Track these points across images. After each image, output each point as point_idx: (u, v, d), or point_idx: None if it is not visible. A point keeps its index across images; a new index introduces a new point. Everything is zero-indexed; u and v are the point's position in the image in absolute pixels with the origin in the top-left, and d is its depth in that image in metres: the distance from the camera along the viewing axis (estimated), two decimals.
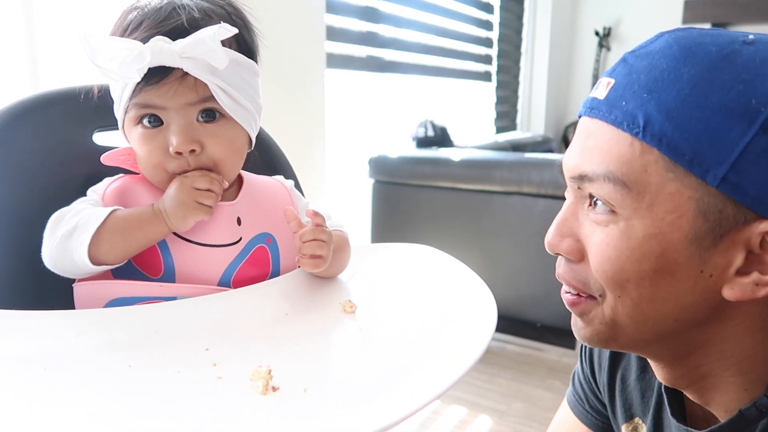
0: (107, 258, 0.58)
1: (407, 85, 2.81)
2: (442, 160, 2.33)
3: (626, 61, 0.48)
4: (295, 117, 1.83)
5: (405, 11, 2.61)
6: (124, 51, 0.55)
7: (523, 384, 2.00)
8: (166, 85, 0.58)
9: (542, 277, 2.14)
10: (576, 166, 0.49)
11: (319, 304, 0.63)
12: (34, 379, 0.46)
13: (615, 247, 0.46)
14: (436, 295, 0.67)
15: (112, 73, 0.56)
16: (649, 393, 0.61)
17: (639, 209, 0.45)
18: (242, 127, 0.64)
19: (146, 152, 0.61)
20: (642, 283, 0.46)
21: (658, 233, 0.45)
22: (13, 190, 0.67)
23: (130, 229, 0.58)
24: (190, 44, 0.56)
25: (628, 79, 0.47)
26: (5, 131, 0.67)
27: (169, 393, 0.45)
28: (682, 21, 3.92)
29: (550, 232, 0.52)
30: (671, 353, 0.51)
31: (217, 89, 0.59)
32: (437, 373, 0.49)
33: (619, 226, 0.46)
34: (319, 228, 0.63)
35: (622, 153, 0.45)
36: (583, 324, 0.52)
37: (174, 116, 0.59)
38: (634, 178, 0.45)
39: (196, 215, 0.59)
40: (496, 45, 3.55)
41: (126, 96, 0.59)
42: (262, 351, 0.53)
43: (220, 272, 0.63)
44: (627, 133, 0.45)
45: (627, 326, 0.48)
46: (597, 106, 0.48)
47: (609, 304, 0.48)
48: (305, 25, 1.84)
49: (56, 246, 0.58)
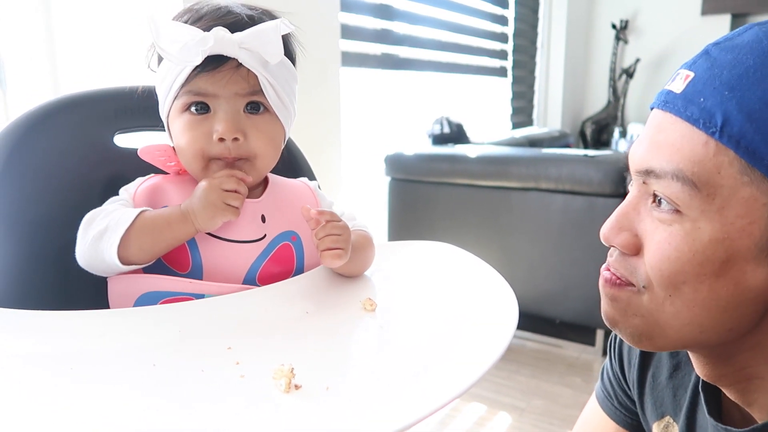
0: (136, 258, 0.60)
1: (422, 83, 2.80)
2: (458, 157, 2.32)
3: (709, 53, 0.46)
4: (311, 116, 1.84)
5: (419, 8, 2.61)
6: (187, 35, 0.58)
7: (542, 381, 1.99)
8: (220, 72, 0.60)
9: (560, 273, 2.12)
10: (643, 159, 0.47)
11: (340, 302, 0.63)
12: (61, 378, 0.47)
13: (677, 247, 0.44)
14: (456, 293, 0.67)
15: (173, 56, 0.58)
16: (681, 392, 0.59)
17: (707, 211, 0.43)
18: (282, 125, 0.66)
19: (189, 138, 0.62)
20: (700, 287, 0.44)
21: (726, 238, 0.43)
22: (36, 192, 0.68)
23: (158, 230, 0.60)
24: (250, 34, 0.59)
25: (709, 73, 0.44)
26: (29, 134, 0.68)
27: (193, 391, 0.46)
28: (701, 12, 3.86)
29: (607, 224, 0.50)
30: (716, 353, 0.50)
31: (266, 83, 0.62)
32: (458, 372, 0.49)
33: (684, 226, 0.44)
34: (331, 223, 0.64)
35: (694, 152, 0.43)
36: (617, 313, 0.50)
37: (223, 104, 0.62)
38: (705, 179, 0.43)
39: (224, 216, 0.60)
40: (511, 40, 3.53)
41: (179, 82, 0.61)
42: (284, 349, 0.53)
43: (246, 268, 0.64)
44: (702, 132, 0.43)
45: (669, 327, 0.47)
46: (672, 99, 0.46)
47: (654, 299, 0.47)
48: (320, 23, 1.85)
49: (88, 247, 0.60)
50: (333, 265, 0.64)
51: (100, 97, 0.74)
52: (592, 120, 4.17)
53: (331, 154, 1.95)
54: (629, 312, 0.49)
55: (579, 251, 2.07)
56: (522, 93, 3.82)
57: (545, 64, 4.00)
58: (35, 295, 0.67)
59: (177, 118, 0.63)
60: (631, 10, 4.13)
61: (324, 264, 0.65)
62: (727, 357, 0.49)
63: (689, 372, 0.59)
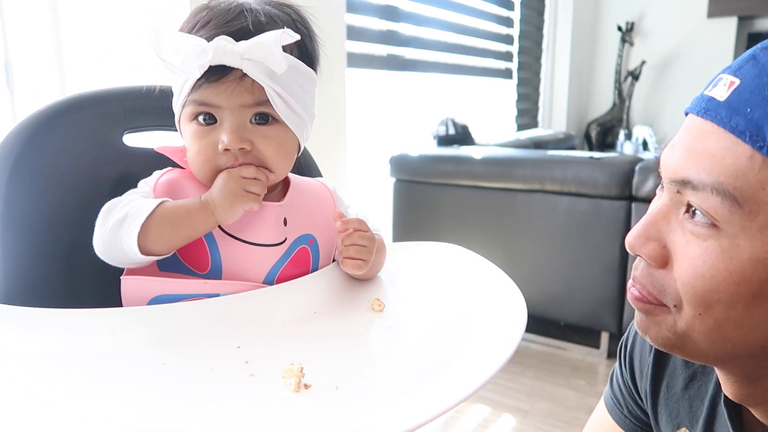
0: (155, 248, 0.59)
1: (428, 84, 2.80)
2: (463, 159, 2.32)
3: (757, 59, 0.42)
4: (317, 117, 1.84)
5: (425, 9, 2.61)
6: (189, 46, 0.57)
7: (546, 383, 1.99)
8: (224, 84, 0.59)
9: (565, 275, 2.12)
10: (679, 168, 0.44)
11: (348, 303, 0.63)
12: (71, 376, 0.47)
13: (712, 265, 0.42)
14: (464, 294, 0.66)
15: (175, 67, 0.57)
16: (698, 403, 0.58)
17: (748, 229, 0.41)
18: (293, 133, 0.64)
19: (197, 148, 0.62)
20: (734, 306, 0.42)
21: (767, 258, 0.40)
22: (45, 191, 0.68)
23: (177, 219, 0.59)
24: (252, 46, 0.57)
25: (757, 81, 0.41)
26: (38, 134, 0.69)
27: (203, 390, 0.46)
28: (707, 14, 3.85)
29: (634, 231, 0.48)
30: (746, 372, 0.48)
31: (273, 94, 0.60)
32: (466, 374, 0.49)
33: (720, 243, 0.42)
34: (359, 233, 0.64)
35: (738, 165, 0.41)
36: (647, 322, 0.48)
37: (228, 115, 0.61)
38: (748, 195, 0.40)
39: (245, 203, 0.59)
40: (516, 42, 3.53)
41: (185, 91, 0.61)
42: (293, 349, 0.53)
43: (265, 271, 0.63)
44: (748, 145, 0.40)
45: (700, 343, 0.45)
46: (714, 107, 0.43)
47: (685, 318, 0.45)
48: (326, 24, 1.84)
49: (107, 235, 0.59)
50: (352, 273, 0.65)
51: (109, 97, 0.75)
52: (598, 122, 4.16)
53: (336, 155, 1.95)
54: (662, 326, 0.47)
55: (584, 253, 2.07)
56: (527, 95, 3.82)
57: (550, 66, 4.00)
58: (44, 293, 0.67)
59: (186, 125, 0.63)
60: (637, 12, 4.12)
61: (344, 269, 0.65)
62: (757, 377, 0.47)
63: (706, 383, 0.57)
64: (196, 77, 0.58)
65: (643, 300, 0.48)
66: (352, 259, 0.64)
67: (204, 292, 0.60)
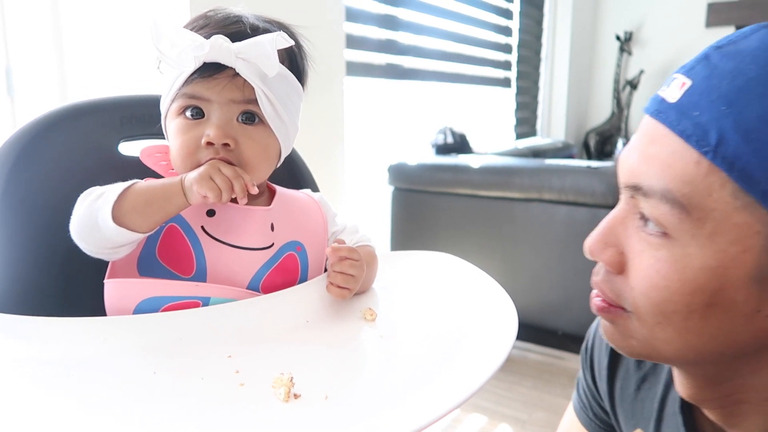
0: (129, 219, 0.57)
1: (426, 92, 2.81)
2: (461, 167, 2.32)
3: (709, 59, 0.41)
4: (315, 125, 1.85)
5: (424, 18, 2.62)
6: (186, 41, 0.58)
7: (544, 393, 1.98)
8: (216, 79, 0.61)
9: (563, 284, 2.12)
10: (632, 173, 0.43)
11: (340, 312, 0.63)
12: (61, 385, 0.47)
13: (665, 276, 0.41)
14: (456, 304, 0.67)
15: (170, 59, 0.59)
16: (648, 404, 0.58)
17: (698, 236, 0.39)
18: (277, 138, 0.65)
19: (181, 141, 0.62)
20: (691, 316, 0.41)
21: (718, 267, 0.39)
22: (41, 199, 0.68)
23: (152, 191, 0.59)
24: (247, 45, 0.59)
25: (707, 83, 0.40)
26: (35, 142, 0.69)
27: (193, 400, 0.46)
28: (705, 24, 3.86)
29: (592, 237, 0.47)
30: (707, 376, 0.47)
31: (262, 95, 0.61)
32: (458, 382, 0.49)
33: (672, 252, 0.41)
34: (348, 261, 0.64)
35: (686, 171, 0.39)
36: (613, 331, 0.48)
37: (216, 110, 0.62)
38: (696, 202, 0.39)
39: (204, 189, 0.58)
40: (515, 51, 3.54)
41: (177, 85, 0.62)
42: (284, 358, 0.54)
43: (250, 276, 0.64)
44: (695, 149, 0.39)
45: (664, 351, 0.45)
46: (665, 109, 0.42)
47: (644, 324, 0.44)
48: (325, 33, 1.86)
49: (83, 210, 0.59)
50: (338, 298, 0.64)
51: (106, 106, 0.75)
52: (596, 131, 4.17)
53: (334, 163, 1.95)
54: (627, 334, 0.46)
55: (582, 262, 2.05)
56: (526, 104, 3.83)
57: (549, 75, 4.01)
58: (38, 301, 0.67)
59: (172, 120, 0.64)
60: (636, 21, 4.14)
61: (329, 293, 0.65)
62: (717, 383, 0.47)
63: (655, 384, 0.58)
64: (190, 71, 0.60)
65: (606, 309, 0.47)
66: (338, 287, 0.64)
67: (191, 294, 0.60)
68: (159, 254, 0.63)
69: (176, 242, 0.63)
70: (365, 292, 0.70)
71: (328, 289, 0.64)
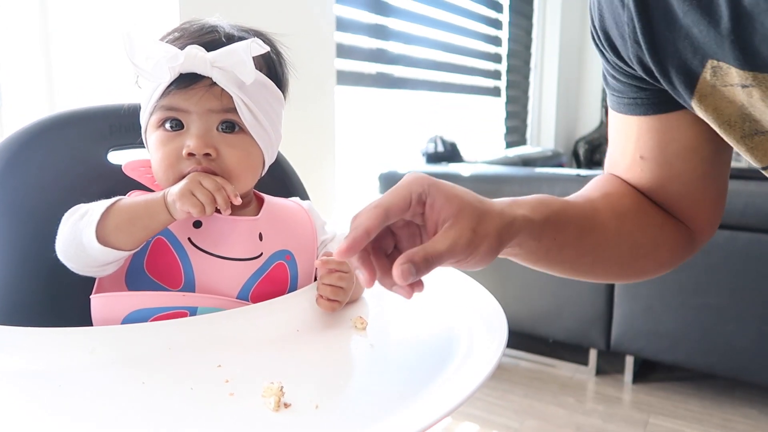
0: (113, 237, 0.57)
1: (417, 102, 2.82)
2: (452, 176, 2.33)
3: None
4: (306, 134, 1.85)
5: (414, 28, 2.64)
6: (161, 52, 0.58)
7: (535, 401, 1.98)
8: (193, 89, 0.60)
9: (554, 292, 2.13)
10: None
11: (330, 321, 0.63)
12: (49, 396, 0.47)
13: None
14: (446, 312, 0.67)
15: (146, 72, 0.59)
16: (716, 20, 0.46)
17: None
18: (259, 146, 0.65)
19: (162, 153, 0.62)
20: None
21: None
22: (29, 208, 0.68)
23: (134, 209, 0.59)
24: (222, 54, 0.59)
25: None
26: (22, 151, 0.69)
27: (182, 410, 0.46)
28: None
29: None
30: None
31: (241, 103, 0.61)
32: (448, 390, 0.49)
33: None
34: (337, 273, 0.64)
35: None
36: None
37: (195, 120, 0.61)
38: None
39: (186, 206, 0.57)
40: (505, 60, 3.57)
41: (154, 98, 0.61)
42: (274, 367, 0.53)
43: (239, 286, 0.63)
44: None
45: None
46: None
47: None
48: (316, 42, 1.87)
49: (68, 230, 0.59)
50: (326, 310, 0.64)
51: (95, 115, 0.75)
52: (585, 140, 4.21)
53: (325, 172, 1.96)
54: None
55: None
56: (515, 113, 3.86)
57: (538, 85, 4.05)
58: (25, 312, 0.67)
59: (152, 133, 0.64)
60: None
61: (318, 306, 0.64)
62: None
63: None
64: (166, 83, 0.59)
65: None
66: (328, 300, 0.63)
67: (178, 304, 0.60)
68: (147, 268, 0.62)
69: (164, 255, 0.62)
70: (356, 301, 0.69)
71: (317, 302, 0.64)
